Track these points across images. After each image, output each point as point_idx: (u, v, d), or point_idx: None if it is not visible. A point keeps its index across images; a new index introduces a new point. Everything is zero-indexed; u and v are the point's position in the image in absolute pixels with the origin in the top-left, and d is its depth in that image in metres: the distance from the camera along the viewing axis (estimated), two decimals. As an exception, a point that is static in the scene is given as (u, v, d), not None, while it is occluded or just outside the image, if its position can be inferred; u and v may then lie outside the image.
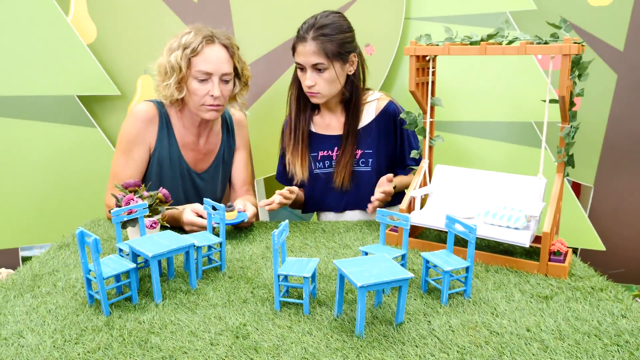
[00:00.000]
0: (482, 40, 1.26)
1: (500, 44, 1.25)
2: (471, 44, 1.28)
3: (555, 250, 1.19)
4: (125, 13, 2.16)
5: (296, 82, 1.73)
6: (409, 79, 1.34)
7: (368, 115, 1.72)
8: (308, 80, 1.62)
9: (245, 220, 1.48)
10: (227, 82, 1.62)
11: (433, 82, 1.42)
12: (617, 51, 2.18)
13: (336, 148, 1.74)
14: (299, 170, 1.74)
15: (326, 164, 1.76)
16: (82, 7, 2.17)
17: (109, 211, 1.37)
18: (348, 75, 1.68)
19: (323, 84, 1.62)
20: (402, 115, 1.48)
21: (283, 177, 1.86)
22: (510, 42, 1.24)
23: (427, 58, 1.38)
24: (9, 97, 2.07)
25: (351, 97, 1.69)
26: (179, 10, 2.15)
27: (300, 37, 1.62)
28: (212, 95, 1.58)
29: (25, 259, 2.26)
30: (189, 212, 1.49)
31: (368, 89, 1.77)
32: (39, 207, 2.16)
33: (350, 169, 1.70)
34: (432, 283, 1.11)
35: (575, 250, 2.35)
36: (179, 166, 1.69)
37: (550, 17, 2.22)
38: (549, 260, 1.19)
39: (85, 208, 2.17)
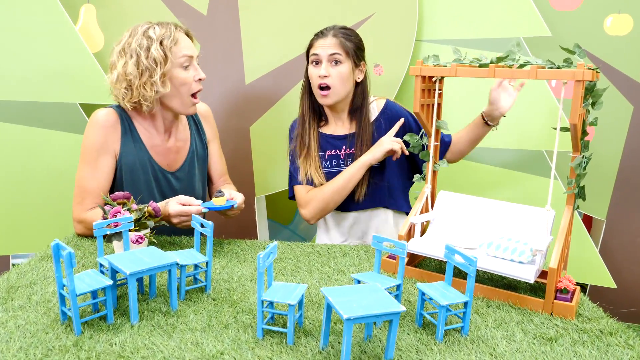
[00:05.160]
0: (491, 62, 1.21)
1: (510, 67, 1.19)
2: (480, 66, 1.23)
3: (562, 288, 1.12)
4: (133, 24, 2.13)
5: (307, 92, 1.75)
6: (414, 100, 1.29)
7: (372, 114, 1.76)
8: (323, 69, 1.64)
9: (235, 206, 1.46)
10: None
11: (439, 105, 1.36)
12: (634, 82, 2.11)
13: (344, 147, 1.75)
14: (315, 176, 1.73)
15: (334, 163, 1.75)
16: (92, 16, 2.16)
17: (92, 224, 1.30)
18: (357, 84, 1.72)
19: (336, 78, 1.65)
20: (405, 138, 1.43)
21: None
22: (521, 66, 1.18)
23: (434, 79, 1.32)
24: (11, 102, 2.05)
25: (360, 105, 1.72)
26: (187, 23, 2.12)
27: (319, 34, 1.69)
28: (200, 79, 1.57)
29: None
30: (174, 204, 1.43)
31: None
32: (34, 214, 2.11)
33: (367, 179, 1.71)
34: (427, 317, 1.03)
35: (584, 287, 2.25)
36: (151, 169, 1.61)
37: (565, 44, 2.15)
38: (555, 298, 1.11)
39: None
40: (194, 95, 1.58)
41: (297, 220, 2.58)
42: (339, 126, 1.78)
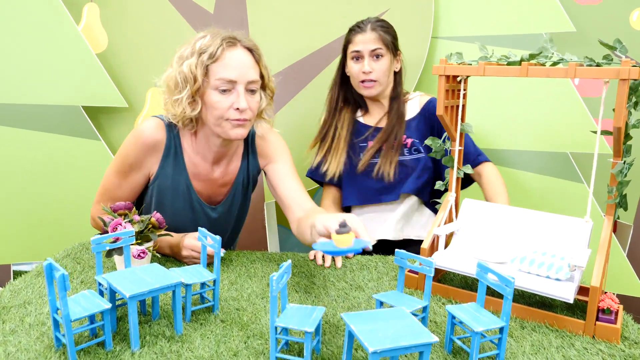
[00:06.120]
0: (522, 60, 1.10)
1: (543, 65, 1.09)
2: (509, 64, 1.13)
3: (605, 308, 1.01)
4: (138, 23, 2.06)
5: (339, 84, 1.76)
6: (437, 102, 1.19)
7: (413, 109, 1.75)
8: (367, 66, 1.65)
9: (370, 248, 0.96)
10: (253, 92, 1.33)
11: (464, 106, 1.26)
12: (664, 79, 2.00)
13: (370, 143, 1.73)
14: (333, 164, 1.72)
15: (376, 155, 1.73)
16: (95, 15, 2.07)
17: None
18: (395, 73, 1.75)
19: (380, 72, 1.67)
20: (426, 142, 1.33)
21: (315, 172, 1.80)
22: (554, 64, 1.08)
23: (458, 79, 1.22)
24: (10, 105, 1.97)
25: (398, 94, 1.74)
26: (193, 21, 2.05)
27: (358, 29, 1.69)
28: (238, 109, 1.29)
29: (17, 274, 2.14)
30: (190, 237, 1.32)
31: (407, 92, 1.81)
32: (35, 222, 2.03)
33: (396, 160, 1.69)
34: (457, 342, 0.93)
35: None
36: (189, 198, 1.42)
37: (590, 40, 2.05)
38: (597, 319, 1.01)
39: (84, 225, 2.03)
40: (233, 119, 1.32)
41: (308, 225, 2.48)
42: (375, 116, 1.77)
